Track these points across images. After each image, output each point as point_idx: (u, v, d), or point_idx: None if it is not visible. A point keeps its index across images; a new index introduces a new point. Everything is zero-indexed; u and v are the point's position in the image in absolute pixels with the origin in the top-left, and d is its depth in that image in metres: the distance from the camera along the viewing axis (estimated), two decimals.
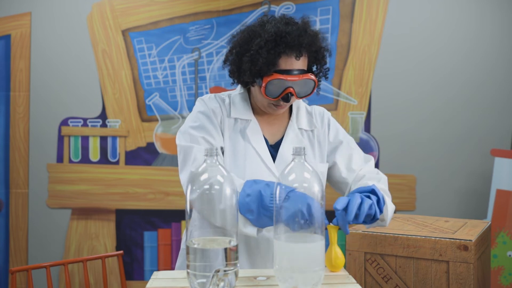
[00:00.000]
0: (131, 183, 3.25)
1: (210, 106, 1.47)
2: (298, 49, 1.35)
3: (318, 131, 1.56)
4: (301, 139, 1.51)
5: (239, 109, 1.48)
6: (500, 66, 3.21)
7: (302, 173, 1.06)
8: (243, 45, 1.40)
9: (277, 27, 1.35)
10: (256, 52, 1.35)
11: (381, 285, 1.62)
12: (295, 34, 1.34)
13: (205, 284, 1.00)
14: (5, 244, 3.31)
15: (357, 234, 1.70)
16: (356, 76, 3.23)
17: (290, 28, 1.35)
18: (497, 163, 2.98)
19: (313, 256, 1.03)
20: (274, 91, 1.38)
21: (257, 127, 1.48)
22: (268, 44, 1.34)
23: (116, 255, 2.18)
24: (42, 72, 3.29)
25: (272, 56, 1.33)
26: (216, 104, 1.48)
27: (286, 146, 1.48)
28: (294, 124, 1.53)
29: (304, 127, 1.54)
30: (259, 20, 1.43)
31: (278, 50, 1.33)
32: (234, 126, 1.47)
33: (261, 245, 1.44)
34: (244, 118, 1.47)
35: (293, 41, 1.34)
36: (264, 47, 1.34)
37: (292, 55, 1.35)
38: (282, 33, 1.34)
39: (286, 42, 1.33)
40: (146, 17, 3.26)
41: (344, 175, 1.52)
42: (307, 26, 1.40)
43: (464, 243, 1.50)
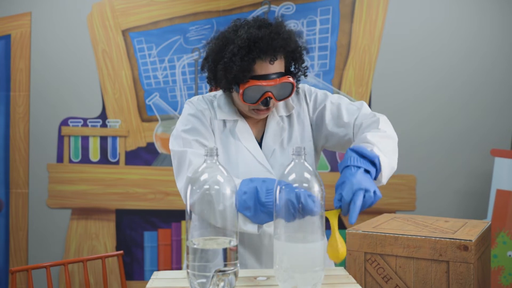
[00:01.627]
0: (131, 183, 3.25)
1: (199, 107, 1.47)
2: (272, 53, 1.33)
3: (298, 111, 1.53)
4: (282, 126, 1.50)
5: (225, 111, 1.48)
6: (500, 66, 3.21)
7: (302, 173, 1.06)
8: (218, 53, 1.38)
9: (250, 32, 1.33)
10: (230, 60, 1.33)
11: (381, 285, 1.62)
12: (267, 38, 1.32)
13: (205, 284, 1.00)
14: (5, 244, 3.31)
15: (357, 234, 1.70)
16: (356, 76, 3.23)
17: (263, 32, 1.33)
18: (497, 163, 2.98)
19: (313, 256, 1.03)
20: (252, 97, 1.37)
21: (246, 126, 1.48)
22: (241, 50, 1.32)
23: (116, 255, 2.18)
24: (42, 72, 3.29)
25: (246, 63, 1.32)
26: (205, 105, 1.48)
27: (268, 137, 1.48)
28: (274, 113, 1.51)
29: (284, 114, 1.52)
30: (233, 25, 1.41)
31: (252, 56, 1.31)
32: (224, 128, 1.48)
33: (265, 241, 1.45)
34: (231, 118, 1.47)
35: (266, 46, 1.32)
36: (237, 54, 1.32)
37: (266, 59, 1.34)
38: (254, 38, 1.32)
39: (259, 47, 1.31)
40: (146, 17, 3.26)
41: (342, 133, 1.48)
42: (280, 27, 1.37)
43: (464, 243, 1.50)
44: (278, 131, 1.50)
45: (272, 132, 1.50)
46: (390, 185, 3.21)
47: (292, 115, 1.54)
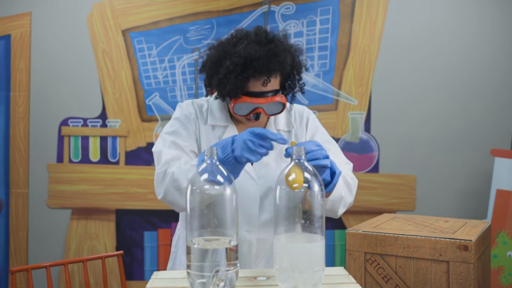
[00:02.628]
0: (131, 183, 3.25)
1: (186, 112, 1.49)
2: (267, 74, 1.35)
3: (297, 131, 1.56)
4: None
5: (216, 116, 1.49)
6: (500, 66, 3.21)
7: (302, 173, 1.06)
8: (215, 64, 1.39)
9: (248, 49, 1.33)
10: (224, 77, 1.34)
11: (381, 285, 1.62)
12: (264, 58, 1.32)
13: (205, 284, 1.00)
14: (5, 244, 3.31)
15: (357, 234, 1.70)
16: (356, 76, 3.23)
17: (261, 51, 1.33)
18: (497, 163, 2.98)
19: (313, 256, 1.03)
20: (243, 111, 1.39)
21: (235, 132, 1.49)
22: (237, 68, 1.33)
23: (116, 255, 2.18)
24: (42, 72, 3.29)
25: (240, 82, 1.33)
26: (192, 110, 1.50)
27: None
28: (272, 125, 1.53)
29: (282, 128, 1.54)
30: (234, 34, 1.41)
31: (246, 75, 1.33)
32: (212, 132, 1.49)
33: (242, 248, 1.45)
34: (221, 124, 1.49)
35: (262, 67, 1.32)
36: (232, 72, 1.33)
37: (260, 79, 1.35)
38: (251, 57, 1.32)
39: (254, 67, 1.32)
40: (146, 17, 3.26)
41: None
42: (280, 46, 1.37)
43: (464, 243, 1.50)
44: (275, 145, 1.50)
45: None
46: (390, 185, 3.22)
47: (291, 133, 1.55)
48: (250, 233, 1.45)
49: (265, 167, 1.48)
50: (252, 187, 1.45)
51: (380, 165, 3.22)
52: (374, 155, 3.23)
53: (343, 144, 3.23)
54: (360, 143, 3.23)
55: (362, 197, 3.22)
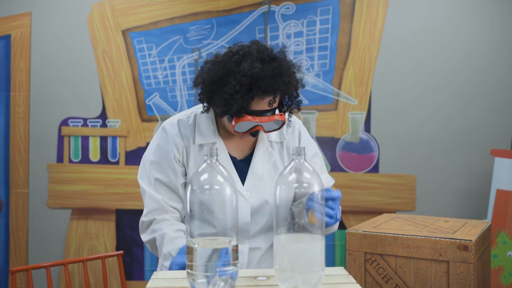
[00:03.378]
0: (131, 183, 3.25)
1: (171, 139, 1.47)
2: (272, 94, 1.35)
3: (288, 142, 1.56)
4: (271, 152, 1.52)
5: (204, 133, 1.48)
6: (500, 66, 3.21)
7: (302, 173, 1.06)
8: (216, 82, 1.36)
9: (252, 68, 1.32)
10: (231, 97, 1.32)
11: (381, 285, 1.62)
12: (270, 79, 1.32)
13: (205, 284, 1.00)
14: (5, 244, 3.31)
15: (357, 234, 1.70)
16: (356, 76, 3.23)
17: (266, 71, 1.32)
18: (497, 163, 2.98)
19: (313, 256, 1.03)
20: (243, 129, 1.39)
21: (222, 148, 1.48)
22: (243, 88, 1.31)
23: (116, 255, 2.18)
24: (42, 72, 3.29)
25: (246, 101, 1.33)
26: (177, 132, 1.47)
27: (257, 161, 1.50)
28: (264, 137, 1.53)
29: (274, 139, 1.54)
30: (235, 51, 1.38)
31: (251, 95, 1.32)
32: (199, 152, 1.48)
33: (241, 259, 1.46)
34: (209, 142, 1.48)
35: (268, 88, 1.32)
36: (239, 92, 1.32)
37: (265, 98, 1.35)
38: (257, 77, 1.31)
39: (260, 87, 1.32)
40: (146, 17, 3.26)
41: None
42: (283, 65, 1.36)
43: (464, 243, 1.50)
44: (267, 156, 1.52)
45: (261, 155, 1.51)
46: (390, 185, 3.22)
47: (283, 144, 1.55)
48: (241, 244, 1.47)
49: (259, 180, 1.49)
50: (243, 206, 1.45)
51: (380, 165, 3.22)
52: (374, 155, 3.23)
53: (343, 144, 3.24)
54: (360, 143, 3.23)
55: (362, 197, 3.22)
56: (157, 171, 1.47)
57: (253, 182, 1.48)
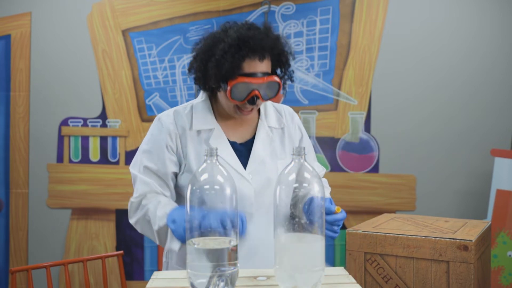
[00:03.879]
0: (131, 183, 3.24)
1: (165, 127, 1.49)
2: (261, 52, 1.38)
3: (289, 129, 1.59)
4: (272, 137, 1.54)
5: (201, 120, 1.50)
6: (500, 66, 3.21)
7: (302, 173, 1.06)
8: (207, 51, 1.42)
9: (240, 32, 1.38)
10: (221, 57, 1.37)
11: (381, 285, 1.62)
12: (257, 38, 1.38)
13: (205, 284, 1.00)
14: (5, 244, 3.31)
15: (357, 234, 1.70)
16: (356, 76, 3.23)
17: (252, 33, 1.38)
18: (497, 163, 2.98)
19: (313, 256, 1.03)
20: (240, 95, 1.40)
21: (221, 134, 1.50)
22: (232, 48, 1.36)
23: (116, 255, 2.18)
24: (42, 72, 3.29)
25: (236, 60, 1.36)
26: (171, 121, 1.49)
27: (259, 144, 1.51)
28: (264, 122, 1.55)
29: (274, 125, 1.57)
30: (222, 26, 1.46)
31: (242, 54, 1.36)
32: (198, 137, 1.49)
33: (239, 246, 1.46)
34: (207, 128, 1.49)
35: (256, 45, 1.36)
36: (228, 52, 1.36)
37: (255, 58, 1.38)
38: (244, 37, 1.37)
39: (249, 46, 1.36)
40: (146, 17, 3.26)
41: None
42: (268, 30, 1.43)
43: (464, 243, 1.50)
44: (267, 140, 1.53)
45: (262, 139, 1.52)
46: (390, 185, 3.22)
47: (284, 131, 1.58)
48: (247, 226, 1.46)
49: (260, 164, 1.49)
50: (246, 189, 1.46)
51: (380, 165, 3.22)
52: (374, 155, 3.23)
53: (343, 144, 3.24)
54: (360, 143, 3.23)
55: (362, 197, 3.22)
56: (148, 159, 1.49)
57: (255, 165, 1.48)
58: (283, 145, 1.55)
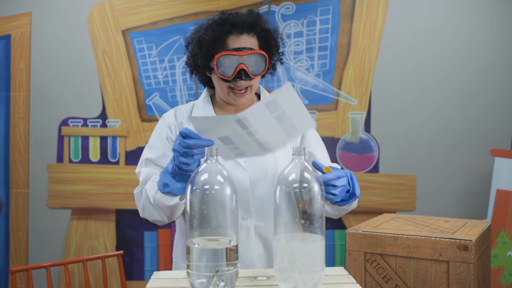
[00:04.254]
0: (131, 183, 3.25)
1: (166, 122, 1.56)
2: (242, 26, 1.43)
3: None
4: None
5: (200, 113, 1.55)
6: (500, 66, 3.21)
7: (302, 173, 1.06)
8: (193, 36, 1.49)
9: (222, 13, 1.48)
10: (203, 34, 1.44)
11: (381, 285, 1.62)
12: (238, 15, 1.45)
13: (205, 284, 1.00)
14: (5, 244, 3.31)
15: (357, 234, 1.70)
16: (356, 76, 3.23)
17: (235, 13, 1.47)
18: (497, 163, 2.98)
19: (313, 256, 1.03)
20: (227, 70, 1.43)
21: None
22: (213, 25, 1.43)
23: (116, 255, 2.18)
24: (42, 72, 3.29)
25: (218, 35, 1.42)
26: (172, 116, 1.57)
27: None
28: None
29: None
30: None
31: (223, 30, 1.42)
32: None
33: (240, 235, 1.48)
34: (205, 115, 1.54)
35: (237, 21, 1.43)
36: (209, 28, 1.43)
37: (237, 33, 1.43)
38: (226, 16, 1.45)
39: (230, 22, 1.43)
40: (146, 17, 3.26)
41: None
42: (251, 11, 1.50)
43: (464, 243, 1.50)
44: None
45: None
46: (390, 185, 3.22)
47: None
48: (245, 219, 1.47)
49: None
50: (242, 175, 1.47)
51: (380, 165, 3.22)
52: (374, 155, 3.23)
53: (343, 144, 3.24)
54: (360, 143, 3.23)
55: (362, 197, 3.21)
56: (149, 152, 1.53)
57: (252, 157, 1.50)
58: None
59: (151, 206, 1.43)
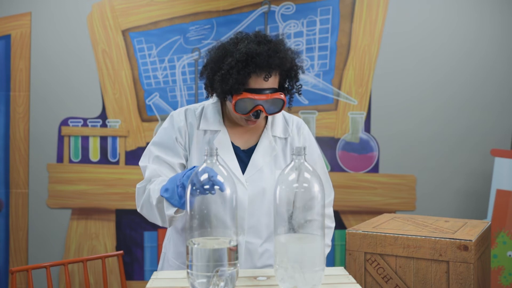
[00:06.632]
0: (131, 183, 3.25)
1: (176, 123, 1.53)
2: (268, 70, 1.39)
3: (293, 139, 1.59)
4: (274, 146, 1.55)
5: (209, 121, 1.53)
6: (500, 66, 3.21)
7: (302, 173, 1.06)
8: (216, 63, 1.43)
9: (249, 47, 1.38)
10: (227, 72, 1.38)
11: (381, 285, 1.62)
12: (265, 55, 1.37)
13: (205, 284, 1.00)
14: (5, 244, 3.31)
15: (357, 234, 1.70)
16: (356, 76, 3.23)
17: (261, 49, 1.38)
18: (497, 163, 2.98)
19: (313, 256, 1.03)
20: (244, 108, 1.42)
21: (226, 137, 1.52)
22: (238, 64, 1.37)
23: (116, 255, 2.18)
24: (42, 72, 3.29)
25: (242, 77, 1.37)
26: (182, 117, 1.54)
27: (259, 153, 1.52)
28: (268, 131, 1.56)
29: (279, 135, 1.58)
30: (234, 37, 1.47)
31: (248, 71, 1.37)
32: (203, 137, 1.52)
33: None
34: (213, 129, 1.52)
35: (263, 63, 1.37)
36: (234, 67, 1.37)
37: (261, 75, 1.39)
38: (253, 53, 1.37)
39: (256, 63, 1.37)
40: (146, 17, 3.26)
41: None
42: (279, 45, 1.43)
43: (464, 243, 1.50)
44: (269, 150, 1.54)
45: (263, 148, 1.54)
46: (390, 185, 3.22)
47: (287, 141, 1.58)
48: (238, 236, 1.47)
49: (258, 172, 1.51)
50: (241, 193, 1.47)
51: (380, 165, 3.22)
52: (374, 155, 3.23)
53: (343, 144, 3.23)
54: (360, 143, 3.23)
55: (362, 197, 3.22)
56: (158, 150, 1.51)
57: (252, 172, 1.50)
58: (285, 155, 1.56)
59: (151, 207, 1.43)
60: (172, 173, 1.49)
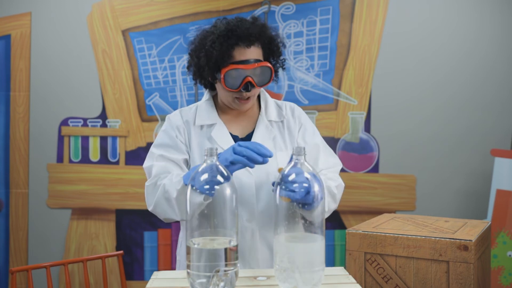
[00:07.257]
0: (131, 183, 3.25)
1: (173, 123, 1.57)
2: (249, 39, 1.44)
3: (288, 122, 1.62)
4: (271, 129, 1.58)
5: (204, 116, 1.57)
6: (500, 66, 3.21)
7: (302, 173, 1.06)
8: (198, 45, 1.49)
9: (227, 23, 1.46)
10: (210, 47, 1.44)
11: (381, 285, 1.62)
12: (244, 27, 1.45)
13: (205, 284, 1.00)
14: (5, 244, 3.31)
15: (357, 234, 1.70)
16: (356, 76, 3.23)
17: (239, 23, 1.46)
18: (497, 163, 2.98)
19: (313, 256, 1.03)
20: (234, 82, 1.45)
21: (222, 127, 1.55)
22: (220, 38, 1.43)
23: (116, 255, 2.18)
24: (42, 72, 3.29)
25: (225, 48, 1.42)
26: (178, 117, 1.58)
27: (257, 137, 1.55)
28: (263, 117, 1.60)
29: (274, 119, 1.61)
30: (213, 22, 1.52)
31: (230, 43, 1.42)
32: (201, 132, 1.56)
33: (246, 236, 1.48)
34: (209, 123, 1.56)
35: (243, 33, 1.43)
36: (216, 41, 1.43)
37: (244, 45, 1.44)
38: (232, 27, 1.44)
39: (237, 35, 1.43)
40: (146, 17, 3.26)
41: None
42: (255, 19, 1.50)
43: (464, 243, 1.50)
44: (267, 134, 1.57)
45: (261, 132, 1.56)
46: (390, 185, 3.22)
47: (283, 124, 1.61)
48: (250, 222, 1.49)
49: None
50: (247, 179, 1.49)
51: (380, 165, 3.22)
52: (374, 155, 3.23)
53: (343, 144, 3.23)
54: (360, 143, 3.23)
55: (362, 197, 3.22)
56: (161, 150, 1.53)
57: None
58: (283, 138, 1.59)
59: (167, 203, 1.41)
60: (178, 170, 1.50)
